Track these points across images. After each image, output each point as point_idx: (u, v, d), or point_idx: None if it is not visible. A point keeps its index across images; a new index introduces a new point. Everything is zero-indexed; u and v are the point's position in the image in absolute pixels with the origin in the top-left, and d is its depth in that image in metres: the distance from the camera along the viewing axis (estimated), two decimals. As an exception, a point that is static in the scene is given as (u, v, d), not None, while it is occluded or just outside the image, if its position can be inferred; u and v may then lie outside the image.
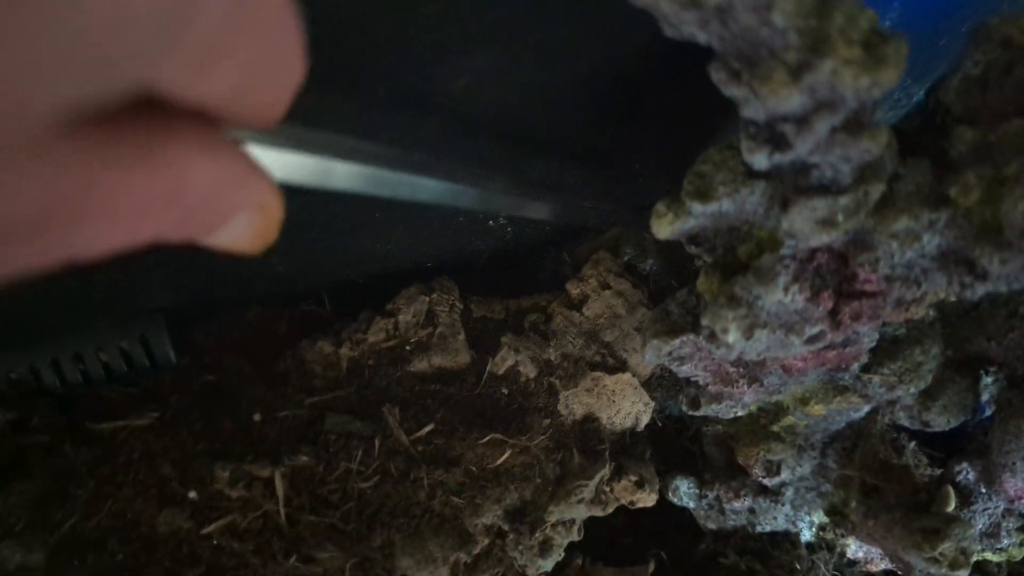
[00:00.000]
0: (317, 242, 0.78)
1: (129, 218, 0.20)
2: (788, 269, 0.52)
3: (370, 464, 0.74)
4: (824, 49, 0.38)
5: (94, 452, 0.74)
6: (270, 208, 0.25)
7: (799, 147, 0.43)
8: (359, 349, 0.80)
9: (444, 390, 0.79)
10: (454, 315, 0.83)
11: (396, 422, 0.76)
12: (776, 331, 0.55)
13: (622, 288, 0.85)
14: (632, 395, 0.83)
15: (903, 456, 0.77)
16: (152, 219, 0.20)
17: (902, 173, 0.48)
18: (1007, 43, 0.46)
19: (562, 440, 0.80)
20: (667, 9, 0.39)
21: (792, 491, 0.84)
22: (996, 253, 0.44)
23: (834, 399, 0.72)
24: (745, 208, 0.53)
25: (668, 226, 0.56)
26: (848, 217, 0.46)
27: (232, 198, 0.24)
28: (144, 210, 0.20)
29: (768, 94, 0.40)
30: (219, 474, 0.71)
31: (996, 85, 0.47)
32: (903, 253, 0.49)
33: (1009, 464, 0.65)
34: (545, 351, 0.82)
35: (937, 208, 0.47)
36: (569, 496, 0.77)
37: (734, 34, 0.40)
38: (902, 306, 0.54)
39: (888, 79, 0.39)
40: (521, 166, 0.74)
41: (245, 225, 0.25)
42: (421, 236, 0.83)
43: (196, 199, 0.21)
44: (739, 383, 0.69)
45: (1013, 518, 0.73)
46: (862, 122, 0.42)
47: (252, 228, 0.25)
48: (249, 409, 0.77)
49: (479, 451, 0.76)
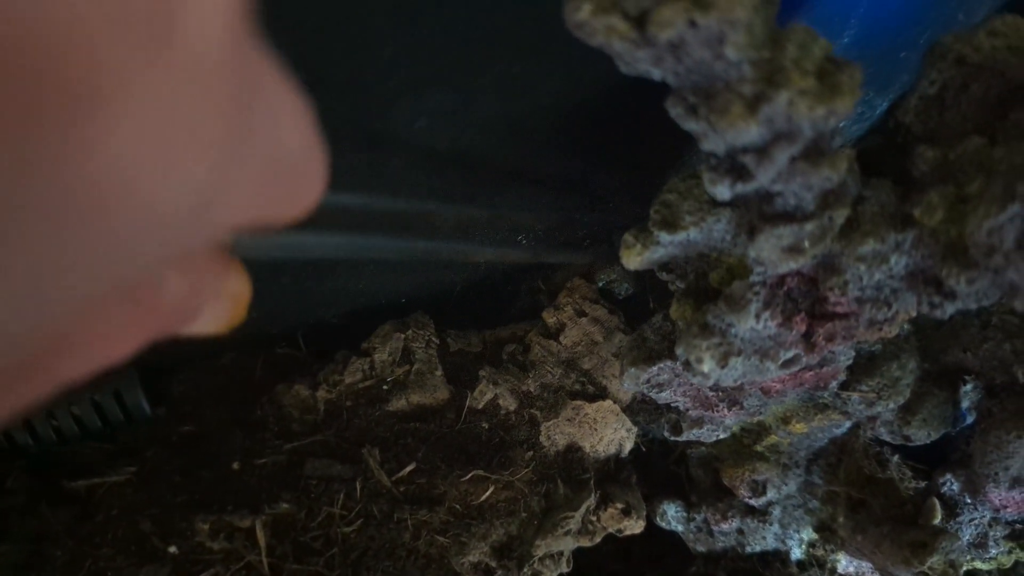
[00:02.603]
0: (290, 283, 0.77)
1: (112, 343, 0.20)
2: (759, 296, 0.52)
3: (352, 507, 0.73)
4: (779, 80, 0.38)
5: (72, 511, 0.73)
6: (241, 293, 0.26)
7: (760, 177, 0.42)
8: (336, 391, 0.79)
9: (424, 428, 0.78)
10: (430, 350, 0.82)
11: (377, 463, 0.75)
12: (751, 357, 0.55)
13: (598, 314, 0.84)
14: (614, 422, 0.83)
15: (887, 470, 0.77)
16: (134, 340, 0.20)
17: (866, 195, 0.48)
18: (961, 61, 0.46)
19: (546, 472, 0.79)
20: (620, 48, 0.39)
21: (779, 510, 0.83)
22: (963, 273, 0.44)
23: (815, 417, 0.72)
24: (712, 236, 0.53)
25: (637, 256, 0.55)
26: (814, 243, 0.46)
27: (205, 296, 0.24)
28: (127, 334, 0.20)
29: (726, 127, 0.40)
30: (199, 526, 0.70)
31: (953, 103, 0.47)
32: (872, 275, 0.49)
33: (992, 475, 0.65)
34: (524, 382, 0.82)
35: (903, 228, 0.47)
36: (556, 528, 0.76)
37: (688, 69, 0.39)
38: (875, 326, 0.54)
39: (844, 107, 0.39)
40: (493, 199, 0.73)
41: (218, 313, 0.25)
42: (393, 272, 0.83)
43: (174, 309, 0.21)
44: (719, 407, 0.69)
45: (1000, 527, 0.73)
46: (821, 150, 0.42)
47: (224, 314, 0.26)
48: (227, 458, 0.76)
49: (462, 488, 0.75)
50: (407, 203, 0.68)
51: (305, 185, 0.22)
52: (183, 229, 0.17)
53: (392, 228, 0.72)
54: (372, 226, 0.70)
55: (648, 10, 0.37)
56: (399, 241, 0.73)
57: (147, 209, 0.15)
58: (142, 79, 0.13)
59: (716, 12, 0.36)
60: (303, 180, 0.22)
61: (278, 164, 0.20)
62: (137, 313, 0.20)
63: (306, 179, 0.22)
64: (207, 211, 0.17)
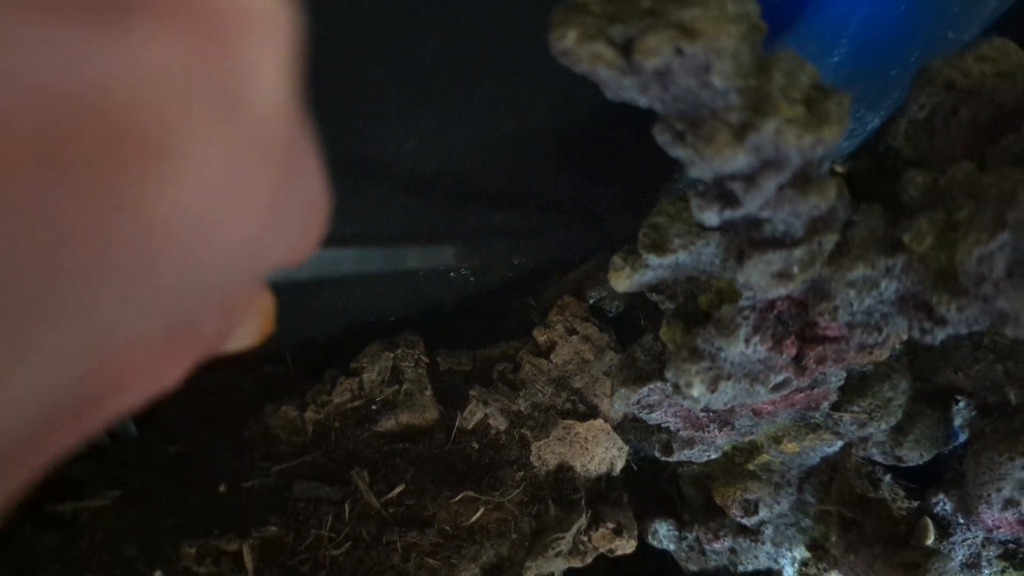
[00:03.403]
0: (278, 301, 0.76)
1: (160, 374, 0.20)
2: (748, 320, 0.52)
3: (341, 530, 0.73)
4: (766, 109, 0.38)
5: (57, 535, 0.72)
6: (267, 306, 0.27)
7: (748, 204, 0.42)
8: (324, 411, 0.79)
9: (413, 448, 0.78)
10: (420, 370, 0.82)
11: (366, 485, 0.74)
12: (741, 381, 0.54)
13: (589, 332, 0.84)
14: (605, 441, 0.82)
15: (879, 489, 0.76)
16: (181, 368, 0.21)
17: (856, 220, 0.48)
18: (950, 86, 0.46)
19: (536, 492, 0.79)
20: (605, 75, 0.38)
21: (772, 528, 0.83)
22: (953, 300, 0.43)
23: (807, 437, 0.72)
24: (701, 260, 0.52)
25: (626, 279, 0.55)
26: (803, 269, 0.46)
27: (238, 315, 0.25)
28: (175, 364, 0.21)
29: (713, 155, 0.39)
30: (185, 551, 0.69)
31: (943, 128, 0.47)
32: (862, 300, 0.49)
33: (985, 496, 0.64)
34: (515, 402, 0.81)
35: (892, 254, 0.47)
36: (546, 550, 0.76)
37: (675, 96, 0.39)
38: (865, 350, 0.53)
39: (832, 136, 0.38)
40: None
41: (250, 328, 0.26)
42: (382, 290, 0.82)
43: (212, 331, 0.22)
44: (710, 427, 0.68)
45: (993, 547, 0.72)
46: (809, 178, 0.41)
47: (256, 329, 0.27)
48: (215, 480, 0.75)
49: (452, 509, 0.75)
50: (395, 225, 0.68)
51: (317, 226, 0.23)
52: (231, 274, 0.18)
53: (380, 249, 0.71)
54: (361, 247, 0.70)
55: (634, 38, 0.37)
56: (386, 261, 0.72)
57: (203, 256, 0.16)
58: (209, 141, 0.14)
59: (702, 40, 0.35)
60: (316, 222, 0.23)
61: (303, 211, 0.21)
62: (182, 343, 0.21)
63: (318, 220, 0.23)
64: (252, 258, 0.19)
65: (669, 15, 0.35)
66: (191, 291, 0.17)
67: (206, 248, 0.16)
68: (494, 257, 0.78)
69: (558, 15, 0.37)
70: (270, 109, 0.16)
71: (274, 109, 0.16)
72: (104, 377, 0.19)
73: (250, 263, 0.19)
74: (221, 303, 0.23)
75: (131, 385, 0.20)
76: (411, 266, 0.73)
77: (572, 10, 0.37)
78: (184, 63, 0.14)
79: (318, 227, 0.23)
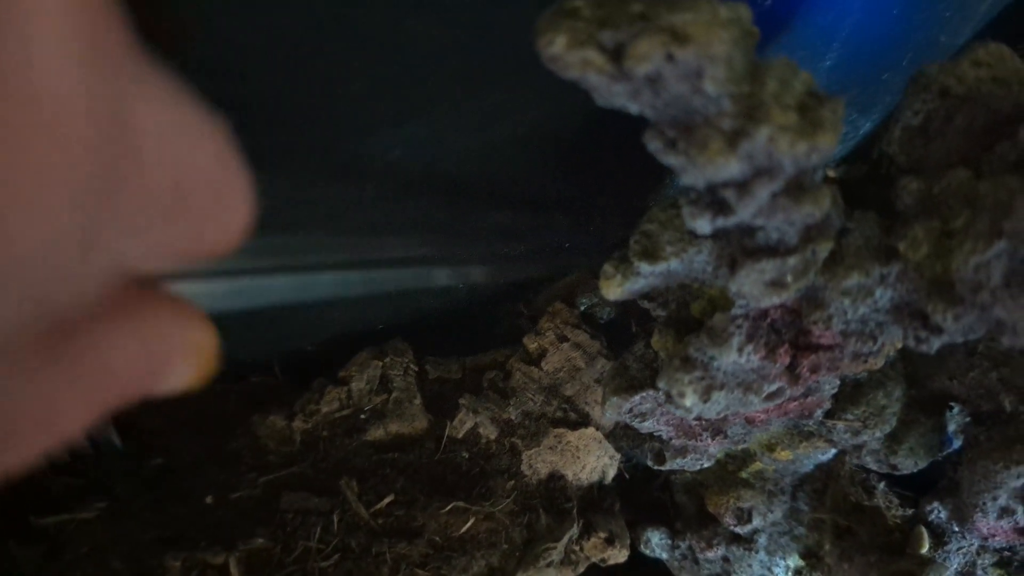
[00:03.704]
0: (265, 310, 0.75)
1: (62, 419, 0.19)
2: (741, 329, 0.51)
3: (330, 541, 0.71)
4: (759, 116, 0.37)
5: (40, 549, 0.71)
6: (206, 344, 0.25)
7: (741, 212, 0.41)
8: (312, 421, 0.78)
9: (403, 458, 0.77)
10: (409, 378, 0.81)
11: (354, 495, 0.73)
12: (734, 391, 0.54)
13: (580, 339, 0.83)
14: (597, 449, 0.81)
15: (874, 497, 0.76)
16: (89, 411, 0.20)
17: (850, 227, 0.47)
18: (945, 93, 0.45)
19: (527, 502, 0.78)
20: (595, 82, 0.38)
21: (765, 537, 0.82)
22: (949, 309, 0.43)
23: (800, 444, 0.71)
24: (694, 267, 0.52)
25: (617, 287, 0.54)
26: (797, 278, 0.45)
27: (166, 353, 0.23)
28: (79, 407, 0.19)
29: (705, 163, 0.38)
30: (171, 564, 0.68)
31: (938, 135, 0.46)
32: (856, 309, 0.48)
33: (980, 504, 0.64)
34: (505, 410, 0.80)
35: (887, 262, 0.46)
36: (538, 560, 0.75)
37: (666, 103, 0.38)
38: (859, 358, 0.53)
39: (826, 143, 0.37)
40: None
41: (185, 369, 0.24)
42: (371, 298, 0.81)
43: (128, 372, 0.21)
44: (703, 436, 0.68)
45: (988, 554, 0.72)
46: (803, 185, 0.41)
47: (192, 369, 0.25)
48: (201, 492, 0.74)
49: (442, 520, 0.74)
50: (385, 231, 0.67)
51: (225, 211, 0.21)
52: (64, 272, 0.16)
53: (369, 256, 0.70)
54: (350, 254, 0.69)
55: (624, 43, 0.36)
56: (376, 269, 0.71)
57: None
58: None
59: (694, 46, 0.35)
60: (222, 206, 0.21)
61: (185, 191, 0.19)
62: (84, 384, 0.19)
63: (225, 204, 0.21)
64: (92, 250, 0.17)
65: (660, 20, 0.35)
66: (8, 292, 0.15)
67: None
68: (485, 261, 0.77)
69: (546, 20, 0.36)
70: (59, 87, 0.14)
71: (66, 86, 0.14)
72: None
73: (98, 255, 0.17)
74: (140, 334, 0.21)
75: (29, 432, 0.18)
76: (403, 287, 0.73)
77: (561, 15, 0.36)
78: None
79: (230, 210, 0.21)
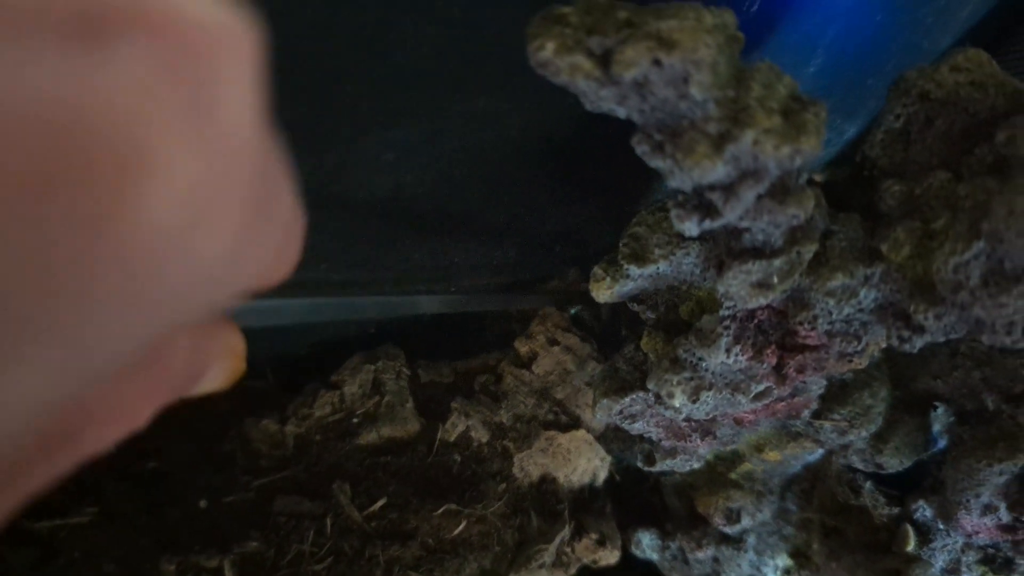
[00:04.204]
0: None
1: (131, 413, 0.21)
2: (729, 330, 0.52)
3: (323, 544, 0.72)
4: (744, 119, 0.38)
5: (32, 554, 0.71)
6: (238, 348, 0.27)
7: (728, 215, 0.42)
8: (305, 425, 0.78)
9: (395, 461, 0.77)
10: (401, 382, 0.81)
11: (347, 499, 0.74)
12: (722, 391, 0.55)
13: (570, 343, 0.84)
14: (588, 451, 0.82)
15: (861, 496, 0.77)
16: (151, 407, 0.21)
17: (834, 229, 0.48)
18: (924, 97, 0.47)
19: (519, 504, 0.78)
20: (584, 86, 0.38)
21: (754, 537, 0.83)
22: (931, 309, 0.44)
23: (788, 445, 0.72)
24: (682, 269, 0.53)
25: (607, 290, 0.55)
26: (783, 279, 0.46)
27: (208, 356, 0.25)
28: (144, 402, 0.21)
29: (692, 166, 0.39)
30: (165, 567, 0.68)
31: (918, 138, 0.47)
32: (841, 309, 0.49)
33: (964, 502, 0.65)
34: (497, 413, 0.81)
35: (871, 263, 0.47)
36: (529, 562, 0.75)
37: (654, 107, 0.39)
38: (845, 358, 0.54)
39: (810, 146, 0.38)
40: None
41: (220, 371, 0.26)
42: (363, 304, 0.82)
43: (184, 372, 0.23)
44: (692, 437, 0.68)
45: (972, 551, 0.73)
46: (788, 188, 0.42)
47: (226, 370, 0.26)
48: (194, 496, 0.74)
49: (435, 523, 0.74)
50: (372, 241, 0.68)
51: (291, 252, 0.23)
52: (205, 296, 0.18)
53: (359, 264, 0.71)
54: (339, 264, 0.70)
55: (612, 49, 0.37)
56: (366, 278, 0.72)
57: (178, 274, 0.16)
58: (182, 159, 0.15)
59: (680, 52, 0.36)
60: (290, 247, 0.23)
61: (277, 234, 0.21)
62: (151, 380, 0.21)
63: (292, 246, 0.23)
64: (225, 279, 0.19)
65: (647, 26, 0.36)
66: (167, 312, 0.17)
67: (181, 266, 0.16)
68: (474, 269, 0.77)
69: (536, 26, 0.37)
70: (241, 128, 0.17)
71: (245, 128, 0.17)
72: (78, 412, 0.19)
73: (223, 285, 0.19)
74: (193, 339, 0.23)
75: (103, 423, 0.20)
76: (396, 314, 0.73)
77: (550, 21, 0.37)
78: (158, 84, 0.14)
79: (292, 251, 0.23)
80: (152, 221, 0.15)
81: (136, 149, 0.14)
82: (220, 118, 0.16)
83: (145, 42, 0.14)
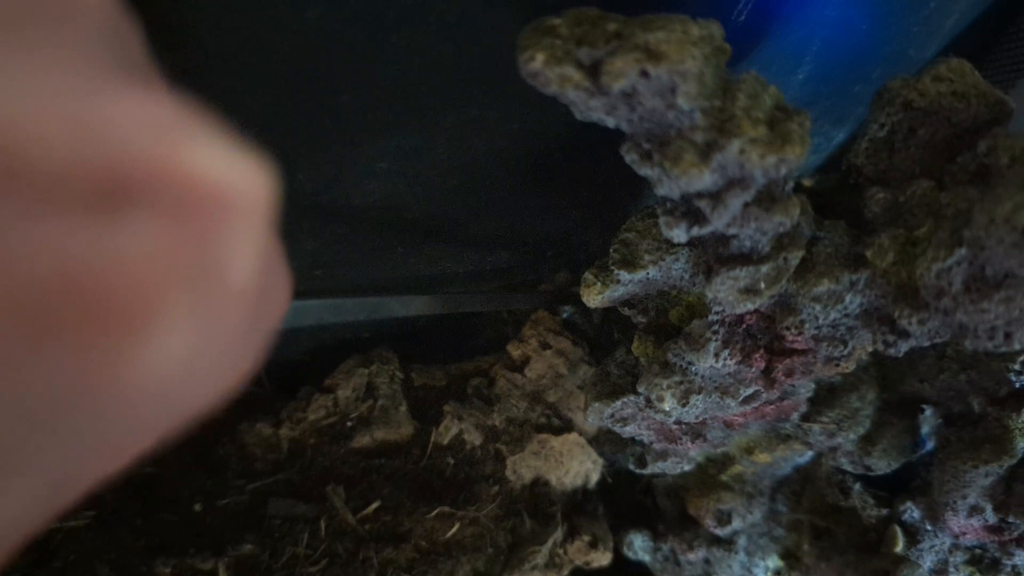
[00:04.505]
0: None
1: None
2: (718, 335, 0.53)
3: (317, 547, 0.72)
4: (730, 129, 0.39)
5: (28, 557, 0.71)
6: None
7: (715, 222, 0.43)
8: (299, 428, 0.79)
9: (389, 464, 0.78)
10: (395, 386, 0.82)
11: (341, 502, 0.74)
12: (712, 395, 0.55)
13: (562, 346, 0.85)
14: (580, 454, 0.83)
15: (850, 498, 0.78)
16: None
17: (820, 236, 0.49)
18: (908, 106, 0.47)
19: (512, 506, 0.79)
20: (574, 97, 0.39)
21: (745, 539, 0.84)
22: (915, 314, 0.45)
23: (778, 447, 0.73)
24: (671, 274, 0.53)
25: (598, 295, 0.56)
26: (770, 285, 0.47)
27: None
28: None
29: (679, 174, 0.40)
30: (160, 570, 0.69)
31: (902, 147, 0.48)
32: (827, 314, 0.50)
33: (951, 503, 0.66)
34: (489, 416, 0.82)
35: (856, 269, 0.48)
36: (522, 563, 0.76)
37: (642, 117, 0.40)
38: (832, 362, 0.55)
39: (795, 155, 0.39)
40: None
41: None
42: (356, 307, 0.82)
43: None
44: (683, 440, 0.69)
45: (960, 552, 0.74)
46: (774, 196, 0.42)
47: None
48: (189, 499, 0.75)
49: (428, 525, 0.75)
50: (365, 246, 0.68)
51: (278, 314, 0.24)
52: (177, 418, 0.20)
53: (352, 269, 0.72)
54: (333, 270, 0.70)
55: (601, 60, 0.37)
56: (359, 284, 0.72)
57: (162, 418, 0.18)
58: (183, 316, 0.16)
59: (667, 63, 0.36)
60: (278, 312, 0.24)
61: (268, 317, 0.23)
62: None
63: (279, 310, 0.24)
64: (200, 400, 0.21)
65: (635, 38, 0.36)
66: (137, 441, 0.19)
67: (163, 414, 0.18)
68: (466, 274, 0.78)
69: (527, 37, 0.37)
70: (243, 283, 0.18)
71: (247, 282, 0.18)
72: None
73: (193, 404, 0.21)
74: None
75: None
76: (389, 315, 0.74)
77: (540, 32, 0.38)
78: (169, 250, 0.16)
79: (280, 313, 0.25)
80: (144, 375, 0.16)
81: (140, 309, 0.15)
82: (226, 279, 0.17)
83: (163, 210, 0.16)
